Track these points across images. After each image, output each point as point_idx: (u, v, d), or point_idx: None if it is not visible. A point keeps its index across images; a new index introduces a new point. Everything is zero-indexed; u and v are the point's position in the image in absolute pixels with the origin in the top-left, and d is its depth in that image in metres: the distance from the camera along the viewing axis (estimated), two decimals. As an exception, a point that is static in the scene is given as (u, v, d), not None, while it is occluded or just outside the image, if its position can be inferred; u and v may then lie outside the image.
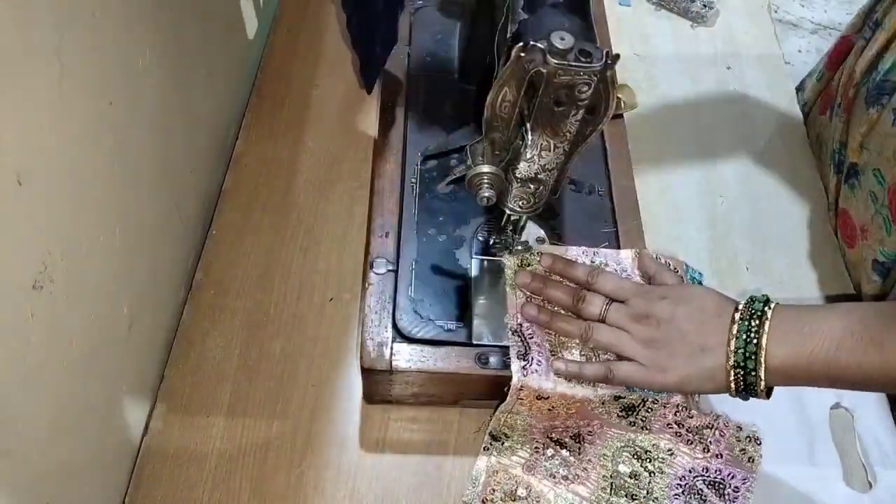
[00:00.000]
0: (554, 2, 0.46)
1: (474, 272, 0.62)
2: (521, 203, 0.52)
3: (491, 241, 0.61)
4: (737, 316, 0.50)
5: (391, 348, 0.57)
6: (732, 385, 0.50)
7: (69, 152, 0.44)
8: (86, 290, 0.48)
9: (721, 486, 0.56)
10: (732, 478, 0.56)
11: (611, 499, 0.57)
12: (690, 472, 0.56)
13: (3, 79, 0.37)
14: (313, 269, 0.69)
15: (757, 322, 0.49)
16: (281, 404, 0.62)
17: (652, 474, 0.57)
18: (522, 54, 0.42)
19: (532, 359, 0.55)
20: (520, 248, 0.61)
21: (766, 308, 0.50)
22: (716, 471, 0.56)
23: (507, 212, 0.54)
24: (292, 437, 0.60)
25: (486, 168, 0.50)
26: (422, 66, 0.77)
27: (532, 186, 0.51)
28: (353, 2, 0.70)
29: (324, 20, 0.89)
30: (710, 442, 0.56)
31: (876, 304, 0.51)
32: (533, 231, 0.64)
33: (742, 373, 0.49)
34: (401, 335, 0.58)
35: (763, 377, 0.49)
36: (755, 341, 0.49)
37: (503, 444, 0.58)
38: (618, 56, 0.42)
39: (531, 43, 0.41)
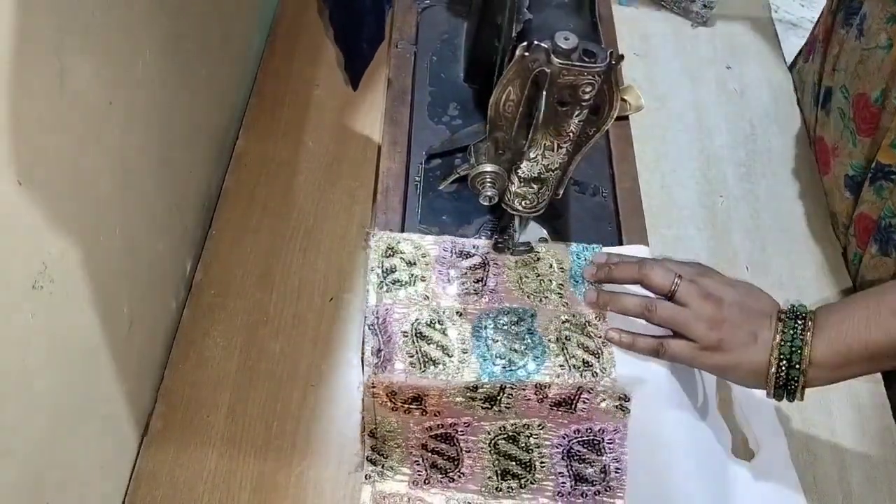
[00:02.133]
0: (559, 2, 0.46)
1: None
2: (523, 203, 0.52)
3: (493, 241, 0.61)
4: (783, 316, 0.52)
5: (392, 348, 0.57)
6: (773, 379, 0.51)
7: (69, 152, 0.44)
8: (86, 290, 0.48)
9: (596, 442, 0.57)
10: (603, 432, 0.57)
11: (500, 485, 0.57)
12: (564, 437, 0.57)
13: (4, 78, 0.36)
14: (313, 269, 0.69)
15: (802, 322, 0.51)
16: (281, 404, 0.62)
17: (530, 451, 0.57)
18: (526, 54, 0.42)
19: (383, 354, 0.55)
20: (522, 248, 0.60)
21: (809, 312, 0.52)
22: (587, 430, 0.57)
23: (510, 211, 0.54)
24: (292, 437, 0.60)
25: (489, 167, 0.50)
26: (427, 65, 0.77)
27: (535, 186, 0.51)
28: (332, -3, 0.69)
29: (324, 20, 0.88)
30: (576, 408, 0.56)
31: (890, 282, 0.55)
32: (535, 231, 0.64)
33: (787, 366, 0.51)
34: (402, 335, 0.58)
35: (806, 371, 0.51)
36: (801, 338, 0.51)
37: (383, 466, 0.58)
38: (622, 57, 0.42)
39: (535, 42, 0.41)
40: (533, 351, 0.56)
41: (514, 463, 0.57)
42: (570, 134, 0.46)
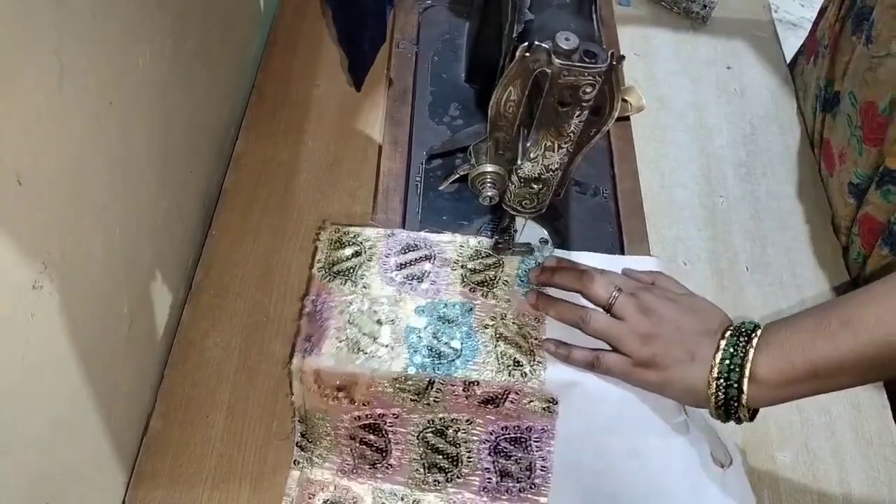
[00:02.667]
0: (560, 3, 0.46)
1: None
2: (524, 203, 0.52)
3: (494, 241, 0.61)
4: (727, 333, 0.51)
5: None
6: (713, 398, 0.50)
7: (69, 152, 0.44)
8: (86, 291, 0.48)
9: (523, 440, 0.57)
10: (531, 430, 0.56)
11: (426, 478, 0.57)
12: (492, 433, 0.57)
13: (4, 79, 0.36)
14: (314, 270, 0.69)
15: (746, 339, 0.49)
16: (281, 404, 0.62)
17: (458, 445, 0.57)
18: (527, 54, 0.42)
19: (313, 339, 0.56)
20: (522, 248, 0.60)
21: (756, 328, 0.50)
22: (514, 427, 0.56)
23: (510, 211, 0.54)
24: (292, 437, 0.60)
25: (489, 167, 0.50)
26: (429, 65, 0.77)
27: (535, 187, 0.50)
28: (335, -1, 0.70)
29: (324, 20, 0.88)
30: (504, 406, 0.56)
31: (843, 295, 0.52)
32: (536, 232, 0.64)
33: (724, 384, 0.49)
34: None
35: (746, 390, 0.48)
36: (742, 355, 0.49)
37: (313, 453, 0.58)
38: (623, 57, 0.42)
39: (536, 43, 0.41)
40: (464, 345, 0.56)
41: (441, 456, 0.57)
42: (571, 134, 0.46)
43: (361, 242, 0.61)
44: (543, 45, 0.41)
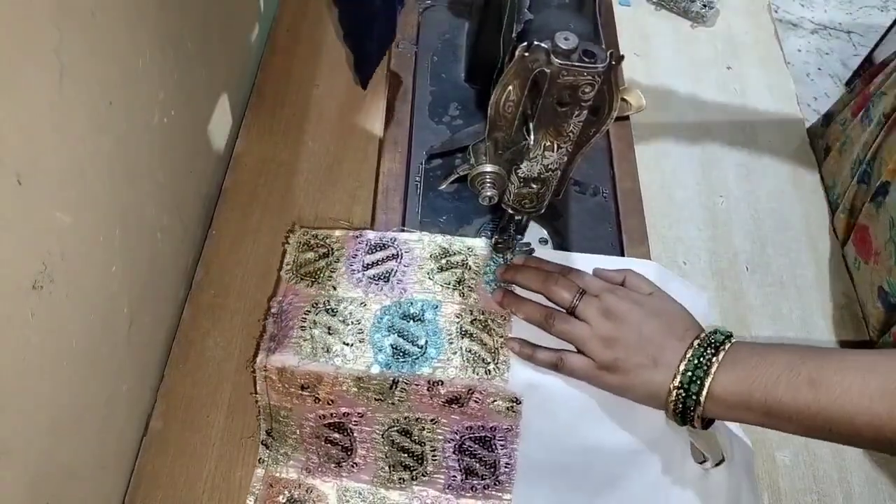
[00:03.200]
0: (559, 2, 0.46)
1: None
2: (523, 203, 0.52)
3: (493, 241, 0.61)
4: (696, 343, 0.50)
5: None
6: (671, 406, 0.50)
7: (69, 152, 0.44)
8: (86, 290, 0.48)
9: (487, 440, 0.57)
10: (495, 430, 0.56)
11: (391, 476, 0.58)
12: (457, 433, 0.57)
13: (4, 79, 0.36)
14: (314, 269, 0.69)
15: (713, 351, 0.49)
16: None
17: (423, 444, 0.57)
18: (526, 54, 0.42)
19: (277, 338, 0.56)
20: (522, 248, 0.60)
21: (725, 341, 0.50)
22: (479, 427, 0.56)
23: (510, 211, 0.54)
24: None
25: (488, 167, 0.50)
26: (428, 65, 0.77)
27: (535, 186, 0.50)
28: (343, -4, 0.70)
29: (324, 20, 0.88)
30: (468, 406, 0.55)
31: (824, 348, 0.51)
32: (536, 232, 0.64)
33: (684, 395, 0.49)
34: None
35: (703, 403, 0.48)
36: (705, 368, 0.48)
37: (278, 451, 0.58)
38: (622, 57, 0.42)
39: (535, 43, 0.41)
40: (429, 342, 0.55)
41: (406, 455, 0.57)
42: (570, 134, 0.46)
43: (329, 244, 0.62)
44: (542, 44, 0.41)
